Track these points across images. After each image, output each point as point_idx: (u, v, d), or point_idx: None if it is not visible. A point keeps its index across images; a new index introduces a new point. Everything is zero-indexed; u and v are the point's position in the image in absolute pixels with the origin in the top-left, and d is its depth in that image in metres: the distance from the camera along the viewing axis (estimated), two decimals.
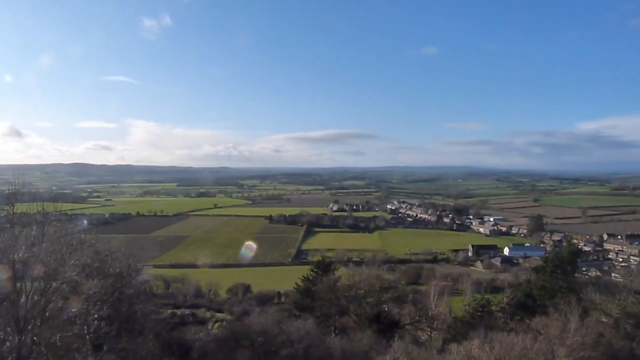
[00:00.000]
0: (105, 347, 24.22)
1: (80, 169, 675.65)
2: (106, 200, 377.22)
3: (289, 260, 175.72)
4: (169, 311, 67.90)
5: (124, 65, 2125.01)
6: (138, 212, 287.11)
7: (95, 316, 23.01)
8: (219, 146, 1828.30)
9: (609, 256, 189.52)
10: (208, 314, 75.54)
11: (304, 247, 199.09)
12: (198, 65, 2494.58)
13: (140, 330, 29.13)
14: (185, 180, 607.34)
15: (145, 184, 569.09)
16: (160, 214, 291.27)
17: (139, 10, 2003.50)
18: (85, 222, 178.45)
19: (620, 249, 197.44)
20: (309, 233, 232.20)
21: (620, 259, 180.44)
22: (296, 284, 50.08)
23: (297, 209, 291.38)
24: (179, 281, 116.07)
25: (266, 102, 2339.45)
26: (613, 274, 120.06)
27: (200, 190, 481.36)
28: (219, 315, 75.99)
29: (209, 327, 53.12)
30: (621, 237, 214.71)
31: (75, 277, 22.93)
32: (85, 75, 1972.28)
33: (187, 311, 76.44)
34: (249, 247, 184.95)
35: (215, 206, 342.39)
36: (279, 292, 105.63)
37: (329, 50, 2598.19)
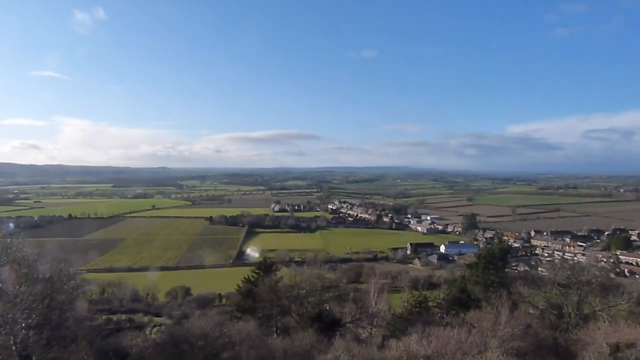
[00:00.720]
0: (33, 358, 23.00)
1: (5, 169, 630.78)
2: (35, 202, 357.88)
3: (230, 261, 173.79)
4: (104, 317, 65.87)
5: (54, 60, 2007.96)
6: (70, 215, 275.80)
7: (23, 325, 21.80)
8: (157, 146, 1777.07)
9: (536, 252, 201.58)
10: (146, 319, 73.61)
11: (246, 248, 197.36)
12: (135, 61, 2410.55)
13: (72, 338, 27.77)
14: (122, 181, 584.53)
15: (78, 184, 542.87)
16: (94, 216, 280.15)
17: (70, 3, 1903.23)
18: (11, 225, 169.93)
19: (546, 244, 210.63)
20: (250, 234, 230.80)
21: (546, 254, 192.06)
22: (237, 285, 49.41)
23: (238, 210, 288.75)
24: (115, 285, 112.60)
25: (207, 101, 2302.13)
26: (539, 268, 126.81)
27: (137, 191, 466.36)
28: (157, 319, 74.24)
29: (147, 332, 51.35)
30: (547, 233, 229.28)
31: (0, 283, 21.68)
32: (11, 70, 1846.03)
33: (124, 316, 74.27)
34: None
35: (153, 207, 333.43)
36: (219, 294, 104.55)
37: (270, 51, 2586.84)
